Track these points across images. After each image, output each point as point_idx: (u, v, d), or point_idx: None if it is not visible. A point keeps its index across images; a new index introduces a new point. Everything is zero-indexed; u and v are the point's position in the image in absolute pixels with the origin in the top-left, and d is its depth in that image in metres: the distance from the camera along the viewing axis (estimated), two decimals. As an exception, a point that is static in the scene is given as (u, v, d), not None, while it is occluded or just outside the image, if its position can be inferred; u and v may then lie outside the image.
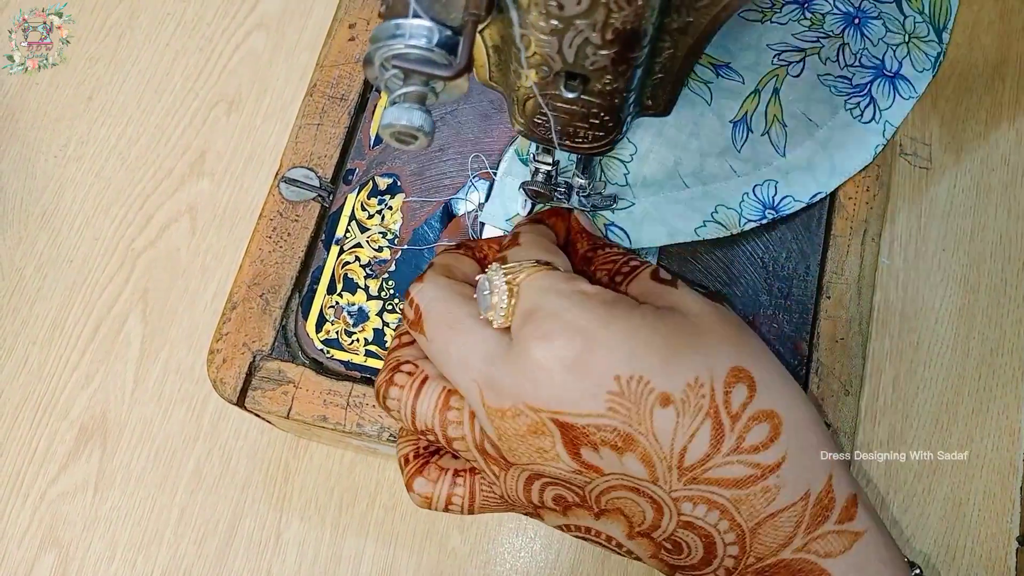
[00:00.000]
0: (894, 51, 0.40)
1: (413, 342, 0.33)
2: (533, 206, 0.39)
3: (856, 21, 0.40)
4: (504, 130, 0.41)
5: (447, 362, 0.30)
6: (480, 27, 0.24)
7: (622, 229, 0.39)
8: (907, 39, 0.40)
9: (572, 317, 0.28)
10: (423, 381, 0.31)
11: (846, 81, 0.40)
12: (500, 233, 0.40)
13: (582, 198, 0.38)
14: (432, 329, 0.31)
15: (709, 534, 0.28)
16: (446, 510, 0.32)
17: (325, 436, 0.41)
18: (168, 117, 0.54)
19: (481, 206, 0.40)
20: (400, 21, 0.24)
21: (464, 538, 0.45)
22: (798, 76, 0.40)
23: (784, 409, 0.29)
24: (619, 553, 0.31)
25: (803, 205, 0.39)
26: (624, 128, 0.30)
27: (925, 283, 0.48)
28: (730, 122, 0.39)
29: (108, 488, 0.47)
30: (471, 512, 0.32)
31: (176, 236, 0.51)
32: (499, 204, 0.40)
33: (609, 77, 0.26)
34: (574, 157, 0.38)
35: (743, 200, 0.39)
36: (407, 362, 0.32)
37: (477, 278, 0.31)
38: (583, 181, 0.37)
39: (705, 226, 0.38)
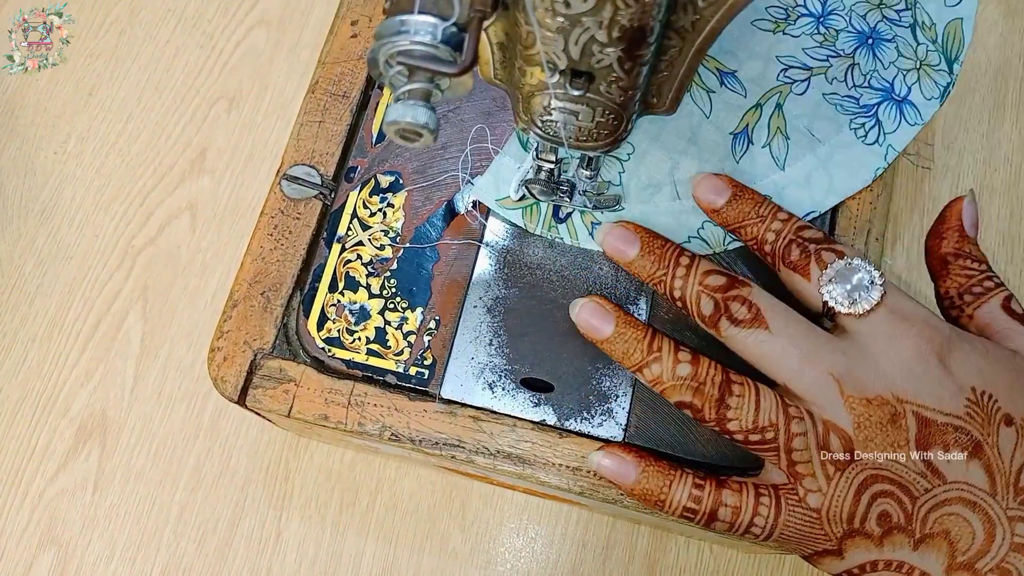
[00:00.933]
0: (904, 76, 0.40)
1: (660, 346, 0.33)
2: (525, 195, 0.39)
3: (870, 41, 0.40)
4: (506, 128, 0.41)
5: (793, 356, 0.31)
6: (485, 24, 0.24)
7: None
8: (919, 65, 0.40)
9: (939, 324, 0.30)
10: (758, 387, 0.32)
11: (853, 101, 0.40)
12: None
13: (585, 197, 0.38)
14: (779, 323, 0.31)
15: None
16: (746, 532, 0.31)
17: (326, 435, 0.40)
18: (169, 114, 0.54)
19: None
20: (405, 17, 0.24)
21: (465, 538, 0.45)
22: (802, 94, 0.40)
23: None
24: None
25: None
26: (629, 126, 0.30)
27: (928, 283, 0.48)
28: (730, 133, 0.39)
29: (107, 486, 0.46)
30: (770, 536, 0.31)
31: (176, 233, 0.51)
32: (492, 181, 0.40)
33: (615, 75, 0.26)
34: (577, 155, 0.38)
35: (688, 243, 0.38)
36: (731, 371, 0.32)
37: (841, 262, 0.32)
38: (587, 174, 0.37)
39: (689, 242, 0.38)
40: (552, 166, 0.36)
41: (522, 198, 0.39)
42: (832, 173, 0.39)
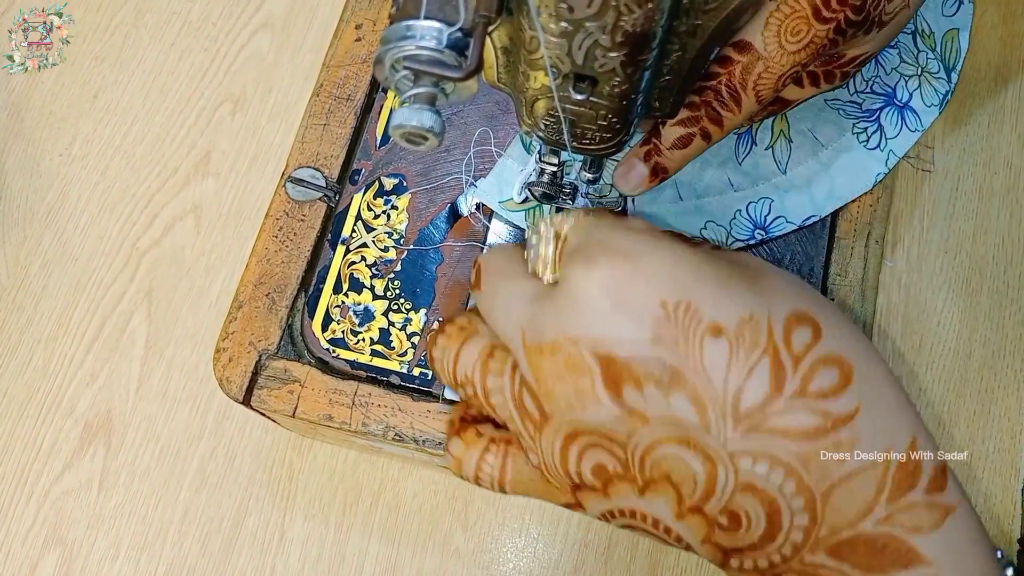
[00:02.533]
0: (906, 82, 0.40)
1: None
2: (527, 198, 0.39)
3: None
4: (509, 131, 0.41)
5: (494, 310, 0.29)
6: (490, 29, 0.24)
7: None
8: (919, 72, 0.40)
9: (618, 243, 0.26)
10: (471, 335, 0.31)
11: (856, 106, 0.40)
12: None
13: (587, 200, 0.38)
14: (486, 284, 0.31)
15: (773, 499, 0.24)
16: (476, 481, 0.31)
17: (330, 435, 0.41)
18: (173, 116, 0.54)
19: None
20: (411, 23, 0.24)
21: (467, 537, 0.45)
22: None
23: (854, 358, 0.25)
24: (668, 541, 0.28)
25: (794, 228, 0.39)
26: (632, 130, 0.30)
27: (928, 286, 0.48)
28: (735, 134, 0.39)
29: (112, 486, 0.47)
30: (502, 488, 0.30)
31: (181, 235, 0.51)
32: (495, 183, 0.40)
33: (618, 79, 0.26)
34: (579, 158, 0.38)
35: (734, 218, 0.39)
36: (461, 317, 0.32)
37: (526, 233, 0.31)
38: (589, 177, 0.37)
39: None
40: (555, 169, 0.36)
41: (525, 200, 0.39)
42: (834, 177, 0.39)
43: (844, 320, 0.27)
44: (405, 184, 0.41)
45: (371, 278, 0.39)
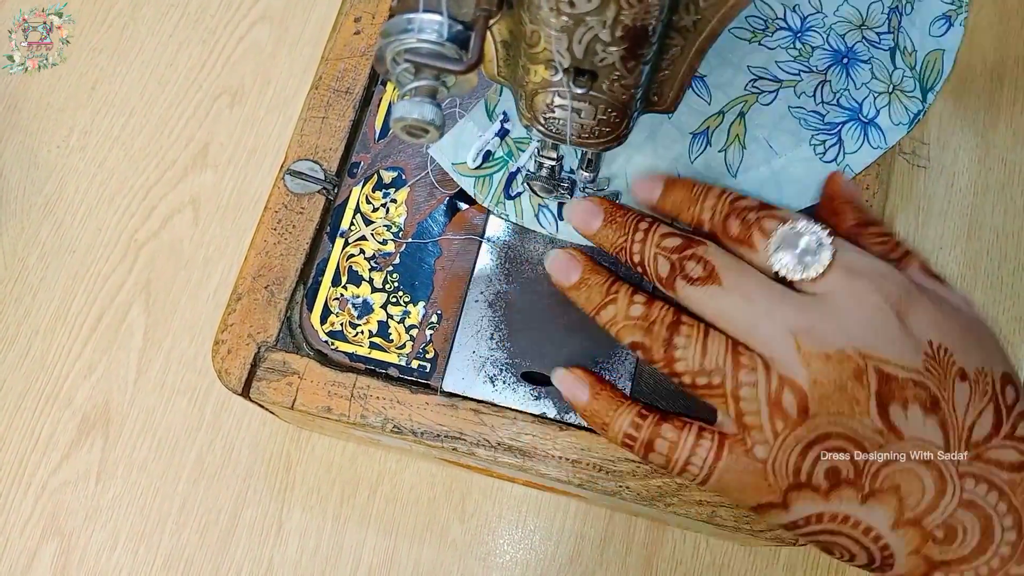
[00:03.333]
0: (875, 98, 0.40)
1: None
2: (485, 158, 0.39)
3: (844, 61, 0.40)
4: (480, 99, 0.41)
5: (748, 311, 0.30)
6: (491, 22, 0.25)
7: (552, 214, 0.39)
8: (891, 90, 0.40)
9: (898, 278, 0.30)
10: (707, 331, 0.31)
11: (818, 117, 0.39)
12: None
13: (585, 194, 0.39)
14: (733, 280, 0.31)
15: (988, 516, 0.29)
16: (683, 471, 0.31)
17: (328, 427, 0.41)
18: (171, 108, 0.54)
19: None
20: (412, 16, 0.24)
21: (464, 529, 0.46)
22: (768, 105, 0.39)
23: None
24: (859, 555, 0.30)
25: None
26: (631, 124, 0.30)
27: (922, 281, 0.49)
28: (690, 133, 0.39)
29: (110, 477, 0.47)
30: (707, 477, 0.31)
31: (179, 227, 0.52)
32: (451, 144, 0.40)
33: (618, 74, 0.26)
34: (575, 152, 0.38)
35: None
36: (683, 314, 0.32)
37: (785, 228, 0.31)
38: (587, 176, 0.37)
39: None
40: (553, 163, 0.36)
41: (478, 167, 0.39)
42: (783, 187, 0.39)
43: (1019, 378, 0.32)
44: (404, 177, 0.41)
45: (370, 271, 0.40)
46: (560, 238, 0.40)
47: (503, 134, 0.40)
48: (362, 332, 0.39)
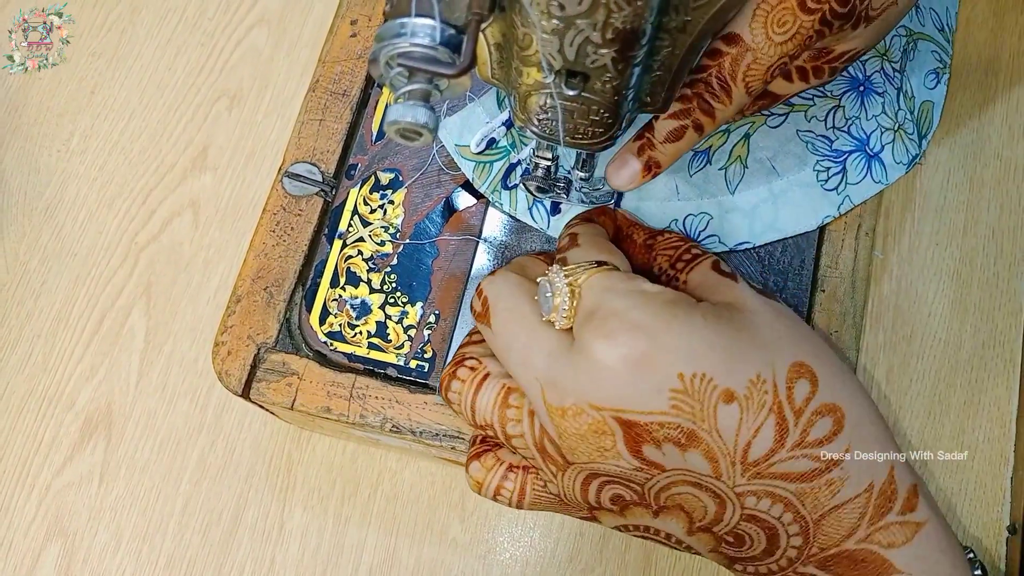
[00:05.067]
0: (882, 133, 0.39)
1: (482, 341, 0.34)
2: (488, 145, 0.40)
3: (861, 88, 0.39)
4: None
5: (510, 358, 0.30)
6: (483, 26, 0.25)
7: (546, 209, 0.40)
8: (896, 127, 0.40)
9: (635, 316, 0.28)
10: (484, 377, 0.32)
11: (826, 142, 0.39)
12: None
13: (581, 193, 0.39)
14: (498, 323, 0.31)
15: (773, 526, 0.29)
16: (494, 499, 0.33)
17: (328, 427, 0.41)
18: (170, 112, 0.54)
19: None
20: (405, 20, 0.25)
21: (464, 527, 0.46)
22: (775, 127, 0.39)
23: (846, 402, 0.29)
24: (677, 548, 0.32)
25: (724, 250, 0.39)
26: (623, 125, 0.30)
27: (918, 277, 0.49)
28: (692, 150, 0.39)
29: (113, 479, 0.47)
30: (519, 507, 0.33)
31: (179, 230, 0.52)
32: (458, 125, 0.40)
33: (609, 75, 0.27)
34: (572, 153, 0.38)
35: (669, 227, 0.39)
36: (471, 357, 0.33)
37: (538, 280, 0.31)
38: (582, 175, 0.37)
39: None
40: (549, 163, 0.36)
41: (481, 152, 0.40)
42: (779, 209, 0.39)
43: (836, 363, 0.30)
44: (401, 179, 0.41)
45: (368, 272, 0.40)
46: (550, 234, 0.40)
47: (510, 124, 0.40)
48: (360, 333, 0.39)
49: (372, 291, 0.40)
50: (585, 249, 0.33)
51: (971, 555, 0.31)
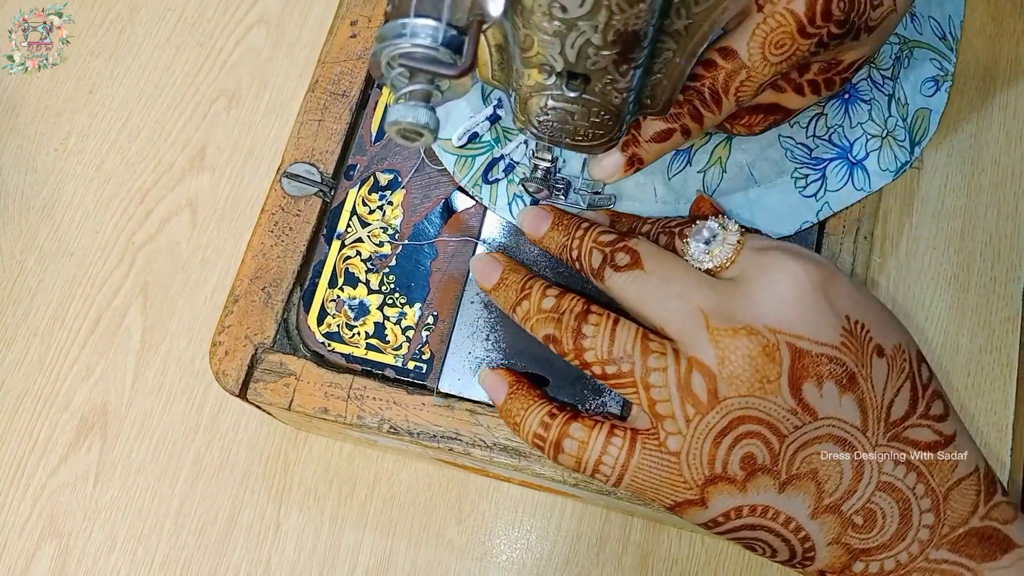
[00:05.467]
0: (867, 140, 0.39)
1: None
2: (471, 139, 0.39)
3: (846, 96, 0.39)
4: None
5: (668, 291, 0.30)
6: (484, 27, 0.25)
7: (525, 205, 0.39)
8: (884, 135, 0.39)
9: (811, 254, 0.30)
10: (616, 319, 0.31)
11: (806, 150, 0.39)
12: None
13: (579, 195, 0.39)
14: (653, 264, 0.31)
15: (907, 498, 0.29)
16: (594, 472, 0.31)
17: (325, 428, 0.41)
18: (169, 112, 0.54)
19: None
20: (406, 20, 0.24)
21: (461, 529, 0.46)
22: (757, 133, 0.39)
23: (945, 395, 0.31)
24: (783, 550, 0.30)
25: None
26: (624, 127, 0.30)
27: (916, 282, 0.49)
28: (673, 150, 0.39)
29: (108, 479, 0.47)
30: (620, 478, 0.30)
31: (176, 230, 0.52)
32: (441, 118, 0.40)
33: (610, 77, 0.27)
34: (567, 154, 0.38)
35: None
36: (593, 304, 0.32)
37: (698, 223, 0.32)
38: (582, 176, 0.37)
39: None
40: (548, 164, 0.36)
41: (462, 146, 0.40)
42: (756, 216, 0.39)
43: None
44: (400, 179, 0.41)
45: (366, 273, 0.40)
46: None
47: (494, 119, 0.40)
48: (359, 333, 0.39)
49: (370, 292, 0.40)
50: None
51: None
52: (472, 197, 0.40)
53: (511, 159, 0.39)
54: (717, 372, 0.28)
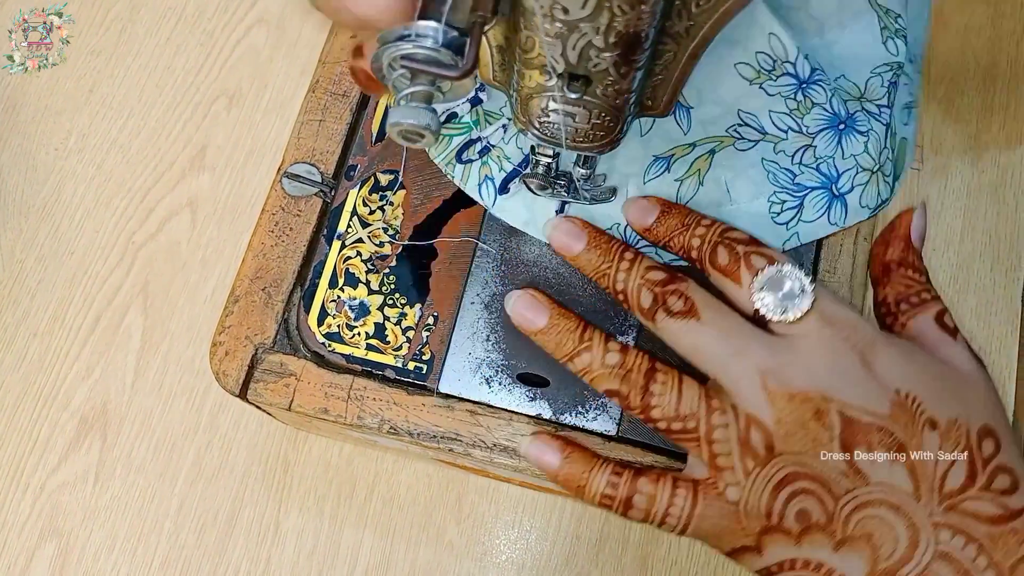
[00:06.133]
0: (857, 173, 0.38)
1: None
2: (449, 119, 0.39)
3: (841, 127, 0.38)
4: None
5: (727, 346, 0.31)
6: (486, 28, 0.25)
7: (494, 187, 0.39)
8: (876, 169, 0.38)
9: (866, 327, 0.31)
10: (682, 377, 0.32)
11: (788, 175, 0.38)
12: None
13: (583, 190, 0.39)
14: (711, 315, 0.31)
15: (967, 570, 0.28)
16: (662, 523, 0.31)
17: (325, 428, 0.41)
18: (169, 111, 0.54)
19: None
20: (408, 22, 0.24)
21: (460, 530, 0.46)
22: (743, 151, 0.38)
23: (1019, 469, 0.30)
24: None
25: (661, 263, 0.37)
26: (625, 128, 0.30)
27: (916, 282, 0.49)
28: (653, 156, 0.38)
29: (108, 479, 0.47)
30: (686, 528, 0.31)
31: (177, 229, 0.52)
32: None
33: (611, 79, 0.27)
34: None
35: (610, 229, 0.38)
36: (658, 361, 0.32)
37: (772, 268, 0.32)
38: (583, 172, 0.37)
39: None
40: (550, 160, 0.36)
41: (444, 121, 0.39)
42: None
43: (1012, 434, 0.32)
44: (400, 180, 0.41)
45: (366, 273, 0.40)
46: (493, 212, 0.39)
47: (476, 102, 0.40)
48: (359, 334, 0.39)
49: (371, 292, 0.40)
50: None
51: None
52: (447, 175, 0.39)
53: (488, 142, 0.39)
54: (773, 430, 0.30)
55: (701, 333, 0.31)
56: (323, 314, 0.39)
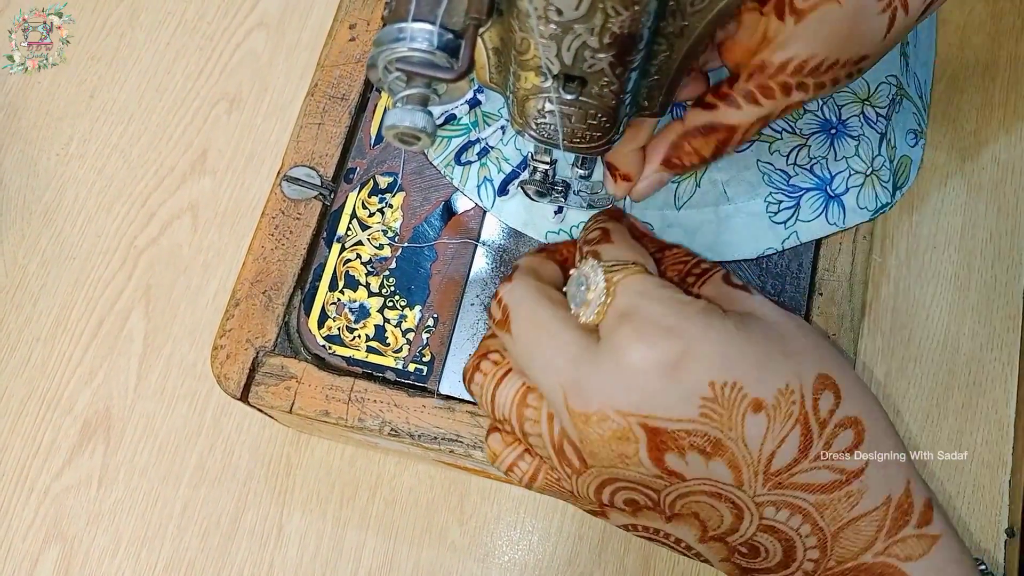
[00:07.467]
0: (850, 176, 0.39)
1: None
2: (448, 120, 0.40)
3: (832, 131, 0.39)
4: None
5: (531, 364, 0.30)
6: (481, 30, 0.25)
7: (493, 189, 0.40)
8: (869, 172, 0.39)
9: (671, 322, 0.28)
10: (506, 372, 0.32)
11: (784, 176, 0.38)
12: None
13: (579, 196, 0.39)
14: (519, 329, 0.31)
15: (790, 538, 0.29)
16: (507, 473, 0.33)
17: (326, 430, 0.41)
18: (169, 115, 0.55)
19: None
20: (403, 25, 0.25)
21: (463, 531, 0.46)
22: (738, 152, 0.39)
23: (866, 416, 0.29)
24: (686, 554, 0.31)
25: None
26: (621, 128, 0.30)
27: (916, 280, 0.49)
28: None
29: (112, 482, 0.47)
30: (528, 487, 0.32)
31: (178, 233, 0.52)
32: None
33: (606, 79, 0.27)
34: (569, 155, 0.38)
35: None
36: (495, 351, 0.32)
37: (572, 271, 0.31)
38: (582, 173, 0.37)
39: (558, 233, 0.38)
40: (547, 167, 0.36)
41: (439, 126, 0.39)
42: (720, 234, 0.38)
43: (855, 376, 0.31)
44: (399, 182, 0.41)
45: (366, 275, 0.40)
46: (492, 214, 0.39)
47: (474, 104, 0.40)
48: (359, 336, 0.39)
49: (371, 295, 0.40)
50: (619, 247, 0.32)
51: (983, 567, 0.32)
52: (445, 176, 0.40)
53: (486, 143, 0.40)
54: (580, 448, 0.29)
55: (511, 345, 0.31)
56: (323, 317, 0.39)
